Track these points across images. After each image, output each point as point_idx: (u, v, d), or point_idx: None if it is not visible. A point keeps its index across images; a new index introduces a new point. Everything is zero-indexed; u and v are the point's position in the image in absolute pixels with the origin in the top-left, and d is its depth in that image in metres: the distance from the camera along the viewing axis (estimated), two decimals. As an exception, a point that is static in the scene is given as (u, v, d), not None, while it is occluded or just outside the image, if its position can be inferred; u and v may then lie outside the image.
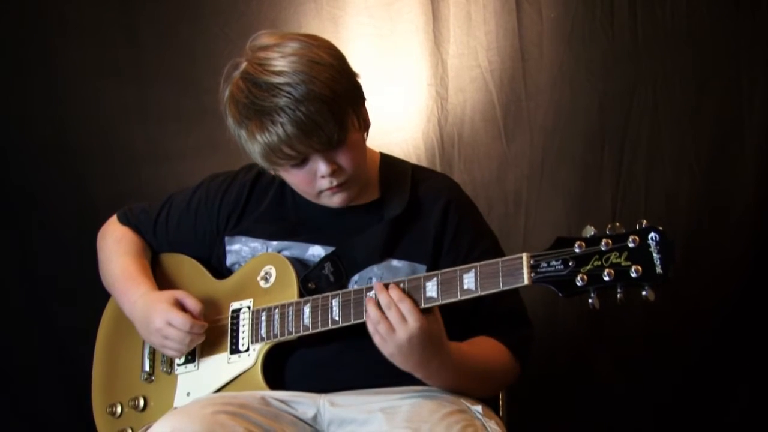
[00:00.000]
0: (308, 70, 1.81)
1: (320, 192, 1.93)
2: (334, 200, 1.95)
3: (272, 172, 2.00)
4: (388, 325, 1.73)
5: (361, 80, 1.93)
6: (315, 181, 1.91)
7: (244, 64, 1.88)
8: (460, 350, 1.85)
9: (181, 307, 1.99)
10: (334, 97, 1.82)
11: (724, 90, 3.01)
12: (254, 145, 1.86)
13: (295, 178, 1.94)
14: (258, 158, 1.90)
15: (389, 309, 1.74)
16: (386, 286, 1.78)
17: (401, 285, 1.78)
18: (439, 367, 1.80)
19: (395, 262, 1.96)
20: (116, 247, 2.18)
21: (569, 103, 3.03)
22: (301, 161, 1.88)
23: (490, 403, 1.97)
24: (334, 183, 1.90)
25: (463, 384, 1.88)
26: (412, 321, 1.72)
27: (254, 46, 1.89)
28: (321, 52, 1.86)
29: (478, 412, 1.85)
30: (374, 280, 1.93)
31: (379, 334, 1.75)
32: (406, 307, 1.73)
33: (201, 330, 1.98)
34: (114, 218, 2.25)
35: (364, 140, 1.98)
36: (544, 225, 3.00)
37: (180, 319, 1.95)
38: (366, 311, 1.78)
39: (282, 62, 1.82)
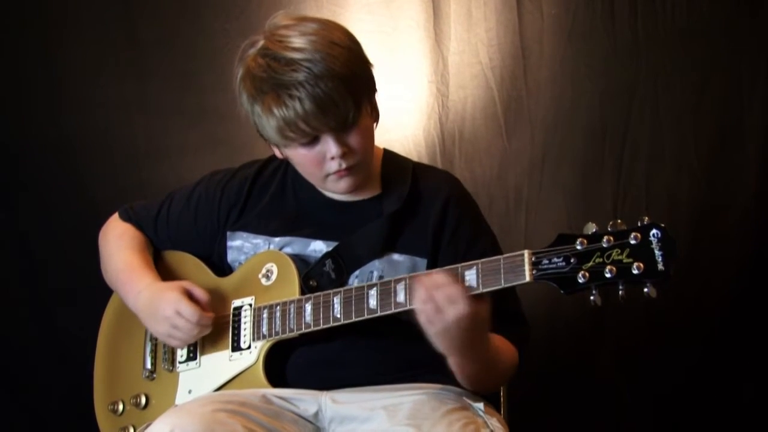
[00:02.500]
0: (327, 49, 1.82)
1: (327, 175, 1.93)
2: (340, 185, 1.94)
3: (279, 153, 2.00)
4: (436, 305, 1.69)
5: (374, 71, 1.94)
6: (324, 162, 1.90)
7: (261, 41, 1.87)
8: (492, 341, 1.85)
9: (189, 297, 1.99)
10: (352, 78, 1.83)
11: (725, 87, 3.01)
12: (269, 120, 1.85)
13: (303, 158, 1.93)
14: (271, 133, 1.89)
15: (438, 290, 1.69)
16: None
17: (403, 282, 1.78)
18: (478, 354, 1.79)
19: (396, 256, 1.96)
20: (118, 243, 2.18)
21: (570, 99, 3.03)
22: (312, 140, 1.87)
23: (491, 400, 1.98)
24: (343, 165, 1.90)
25: (487, 374, 1.88)
26: (463, 303, 1.68)
27: (273, 25, 1.89)
28: (340, 34, 1.87)
29: (480, 410, 1.85)
30: (375, 274, 1.93)
31: (426, 314, 1.70)
32: (457, 290, 1.69)
33: (209, 322, 1.98)
34: (115, 216, 2.25)
35: (373, 129, 1.98)
36: (545, 222, 3.00)
37: (190, 309, 1.95)
38: (414, 289, 1.73)
39: (302, 40, 1.83)
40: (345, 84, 1.81)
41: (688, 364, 3.00)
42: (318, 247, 2.00)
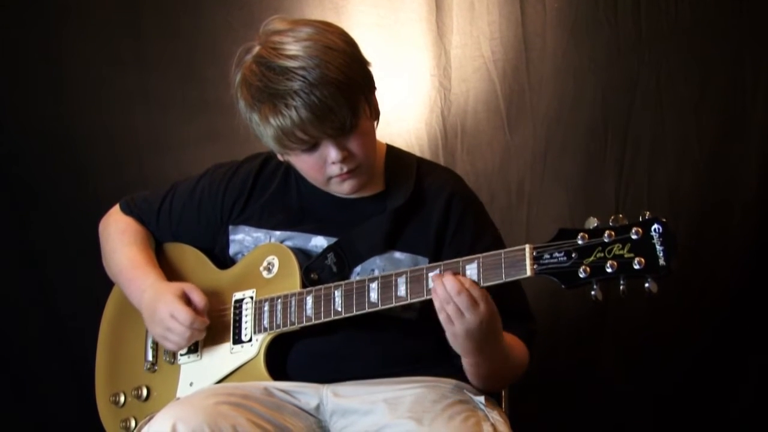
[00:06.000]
0: (322, 55, 1.81)
1: (329, 178, 1.93)
2: (344, 187, 1.94)
3: (281, 158, 2.00)
4: (456, 308, 1.71)
5: (372, 68, 1.93)
6: (325, 167, 1.90)
7: (257, 48, 1.87)
8: (504, 338, 1.85)
9: (187, 300, 1.99)
10: (347, 83, 1.82)
11: (728, 82, 3.00)
12: (267, 129, 1.85)
13: (304, 164, 1.93)
14: (270, 141, 1.89)
15: (460, 294, 1.70)
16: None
17: (404, 276, 1.78)
18: (494, 353, 1.80)
19: (398, 254, 1.96)
20: (121, 237, 2.18)
21: (572, 93, 3.02)
22: (312, 146, 1.87)
23: (492, 394, 1.97)
24: (344, 169, 1.90)
25: (500, 372, 1.89)
26: (484, 306, 1.71)
27: (267, 30, 1.88)
28: (335, 38, 1.86)
29: (481, 403, 1.85)
30: (376, 271, 1.93)
31: (446, 313, 1.72)
32: (477, 292, 1.71)
33: (202, 326, 1.98)
34: (116, 208, 2.25)
35: (374, 129, 1.97)
36: (547, 216, 2.99)
37: (183, 313, 1.95)
38: (434, 288, 1.74)
39: (296, 46, 1.82)
40: (341, 90, 1.80)
41: (689, 360, 2.99)
42: (319, 243, 2.00)
